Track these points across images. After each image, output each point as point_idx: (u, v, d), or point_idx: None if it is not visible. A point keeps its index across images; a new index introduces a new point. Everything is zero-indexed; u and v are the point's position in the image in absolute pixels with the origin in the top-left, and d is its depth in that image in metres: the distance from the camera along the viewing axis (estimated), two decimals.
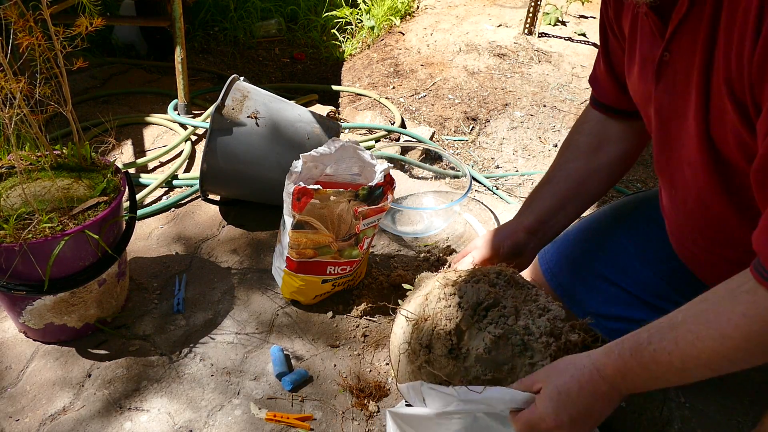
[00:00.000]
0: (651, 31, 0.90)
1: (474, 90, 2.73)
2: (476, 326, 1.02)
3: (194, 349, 1.31)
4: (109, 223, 1.23)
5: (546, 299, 1.08)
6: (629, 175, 2.22)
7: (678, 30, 0.82)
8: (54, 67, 1.19)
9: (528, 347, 0.98)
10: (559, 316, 1.04)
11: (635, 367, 0.82)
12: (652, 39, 0.90)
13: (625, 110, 1.16)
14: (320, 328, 1.38)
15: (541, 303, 1.07)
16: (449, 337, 1.01)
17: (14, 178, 1.27)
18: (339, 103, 2.76)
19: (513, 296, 1.08)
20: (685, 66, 0.84)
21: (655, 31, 0.89)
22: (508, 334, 0.99)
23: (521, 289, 1.11)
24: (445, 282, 1.10)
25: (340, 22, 3.47)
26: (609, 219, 1.29)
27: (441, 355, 1.01)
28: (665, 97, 0.91)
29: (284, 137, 1.62)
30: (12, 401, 1.18)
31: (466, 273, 1.12)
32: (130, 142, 2.08)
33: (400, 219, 1.77)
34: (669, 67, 0.87)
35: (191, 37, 3.14)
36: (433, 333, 1.04)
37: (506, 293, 1.08)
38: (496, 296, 1.05)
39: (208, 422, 1.15)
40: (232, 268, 1.54)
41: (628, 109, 1.15)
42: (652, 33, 0.90)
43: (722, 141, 0.83)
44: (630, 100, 1.12)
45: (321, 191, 1.22)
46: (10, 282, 1.15)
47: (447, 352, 1.01)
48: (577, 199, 1.22)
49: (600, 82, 1.17)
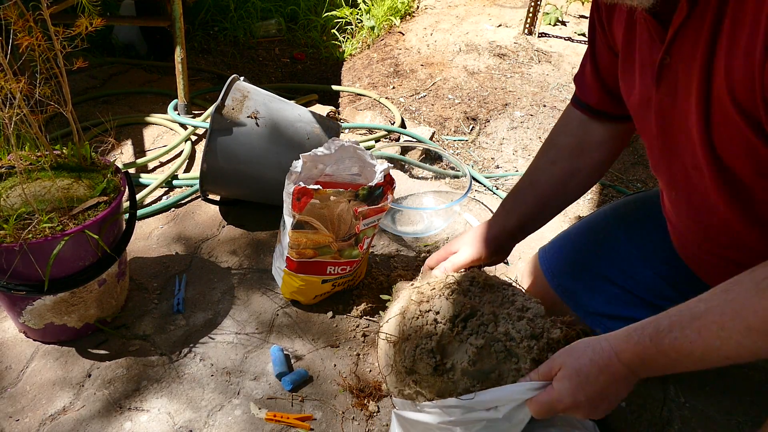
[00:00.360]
0: (650, 35, 0.90)
1: (474, 90, 2.73)
2: (457, 339, 1.01)
3: (194, 349, 1.31)
4: (109, 223, 1.23)
5: (523, 297, 1.08)
6: (629, 175, 2.22)
7: (678, 34, 0.82)
8: (54, 67, 1.19)
9: (512, 353, 0.98)
10: (539, 313, 1.04)
11: (654, 354, 0.82)
12: (651, 43, 0.90)
13: (608, 112, 1.15)
14: (320, 328, 1.38)
15: (519, 303, 1.07)
16: (432, 356, 1.01)
17: (14, 178, 1.27)
18: (339, 103, 2.76)
19: (490, 301, 1.07)
20: (686, 70, 0.83)
21: (654, 35, 0.88)
22: (490, 342, 0.99)
23: (497, 292, 1.10)
24: (419, 299, 1.10)
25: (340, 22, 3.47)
26: (610, 219, 1.29)
27: (427, 375, 1.01)
28: (666, 101, 0.90)
29: (284, 137, 1.62)
30: (12, 401, 1.18)
31: (439, 285, 1.11)
32: (130, 142, 2.08)
33: (400, 219, 1.77)
34: (670, 71, 0.87)
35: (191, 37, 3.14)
36: (415, 354, 1.03)
37: (482, 299, 1.08)
38: (473, 306, 1.05)
39: (208, 422, 1.15)
40: (232, 268, 1.54)
41: (611, 112, 1.15)
42: (651, 37, 0.89)
43: (724, 147, 0.83)
44: (614, 103, 1.12)
45: (321, 191, 1.22)
46: (10, 282, 1.15)
47: (432, 371, 1.00)
48: (558, 200, 1.22)
49: (586, 83, 1.17)
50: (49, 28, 1.15)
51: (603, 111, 1.16)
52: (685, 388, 1.25)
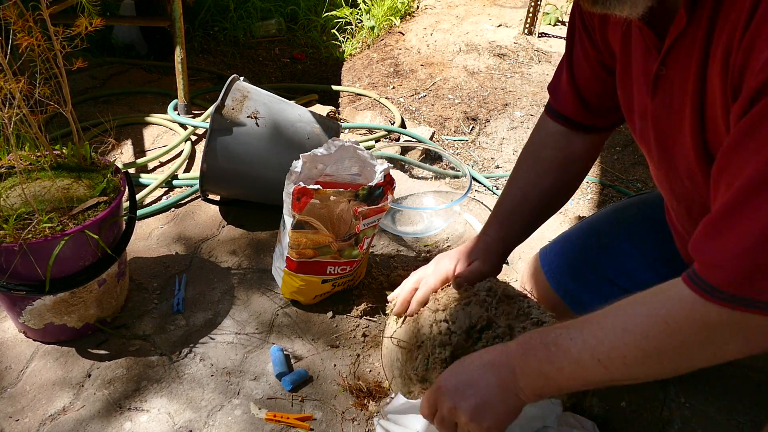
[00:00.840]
0: (645, 45, 0.88)
1: (474, 90, 2.73)
2: (471, 350, 1.02)
3: (194, 349, 1.31)
4: (109, 223, 1.23)
5: (539, 311, 1.08)
6: (629, 175, 2.22)
7: (674, 45, 0.81)
8: (54, 67, 1.19)
9: None
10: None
11: (537, 346, 0.83)
12: (647, 53, 0.89)
13: (587, 125, 1.14)
14: (320, 328, 1.38)
15: (534, 316, 1.07)
16: (446, 365, 1.01)
17: (14, 178, 1.27)
18: (339, 103, 2.76)
19: (505, 313, 1.07)
20: (681, 80, 0.82)
21: (650, 45, 0.87)
22: None
23: (513, 304, 1.10)
24: (435, 307, 1.10)
25: (340, 22, 3.47)
26: (611, 221, 1.29)
27: None
28: (661, 111, 0.89)
29: (284, 137, 1.62)
30: (12, 401, 1.18)
31: (456, 295, 1.10)
32: (130, 142, 2.08)
33: (400, 219, 1.77)
34: (665, 81, 0.86)
35: (191, 37, 3.14)
36: (429, 363, 1.03)
37: (498, 311, 1.08)
38: (489, 317, 1.05)
39: (208, 422, 1.15)
40: (232, 268, 1.54)
41: (590, 124, 1.14)
42: (647, 47, 0.88)
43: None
44: (592, 116, 1.12)
45: (321, 191, 1.22)
46: (10, 282, 1.15)
47: None
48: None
49: (563, 96, 1.14)
50: (48, 28, 1.15)
51: (581, 123, 1.14)
52: (685, 388, 1.25)
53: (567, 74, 1.12)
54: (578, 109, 1.13)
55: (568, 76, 1.11)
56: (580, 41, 1.07)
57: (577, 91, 1.11)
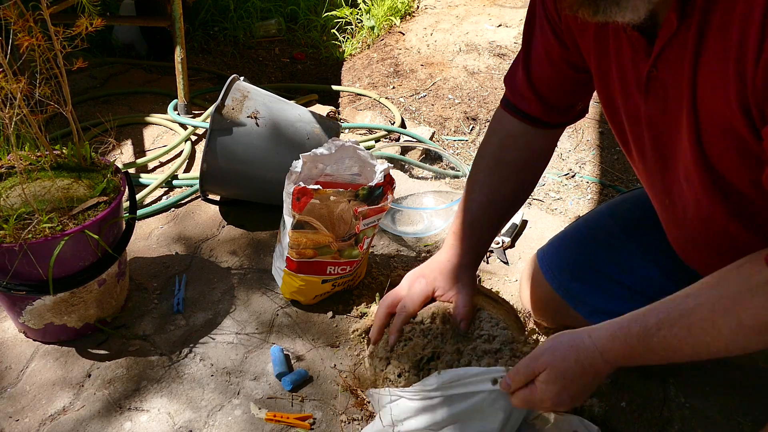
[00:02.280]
0: (632, 48, 0.86)
1: (474, 90, 2.73)
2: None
3: (194, 349, 1.31)
4: (109, 223, 1.23)
5: (490, 323, 1.07)
6: (629, 175, 2.22)
7: (665, 47, 0.80)
8: (54, 67, 1.19)
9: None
10: (506, 340, 1.05)
11: (642, 352, 0.83)
12: (634, 56, 0.87)
13: (545, 121, 1.13)
14: (320, 328, 1.38)
15: (485, 332, 1.06)
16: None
17: (14, 178, 1.27)
18: (339, 103, 2.76)
19: (453, 336, 1.06)
20: (674, 82, 0.81)
21: (637, 47, 0.85)
22: None
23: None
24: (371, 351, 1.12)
25: (340, 22, 3.47)
26: (607, 217, 1.29)
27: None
28: (656, 113, 0.88)
29: (284, 137, 1.62)
30: (12, 401, 1.18)
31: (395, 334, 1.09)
32: (130, 142, 2.08)
33: (400, 219, 1.77)
34: (658, 83, 0.85)
35: (191, 37, 3.14)
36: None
37: (445, 336, 1.06)
38: (435, 347, 1.05)
39: (208, 422, 1.15)
40: (232, 268, 1.54)
41: (548, 121, 1.13)
42: (634, 50, 0.86)
43: (717, 157, 0.82)
44: (551, 112, 1.11)
45: (321, 191, 1.22)
46: (10, 282, 1.15)
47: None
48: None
49: (520, 92, 1.11)
50: (49, 28, 1.15)
51: (540, 119, 1.12)
52: (685, 388, 1.25)
53: (523, 72, 1.09)
54: (537, 106, 1.11)
55: (524, 74, 1.09)
56: (543, 37, 1.04)
57: (535, 88, 1.09)
